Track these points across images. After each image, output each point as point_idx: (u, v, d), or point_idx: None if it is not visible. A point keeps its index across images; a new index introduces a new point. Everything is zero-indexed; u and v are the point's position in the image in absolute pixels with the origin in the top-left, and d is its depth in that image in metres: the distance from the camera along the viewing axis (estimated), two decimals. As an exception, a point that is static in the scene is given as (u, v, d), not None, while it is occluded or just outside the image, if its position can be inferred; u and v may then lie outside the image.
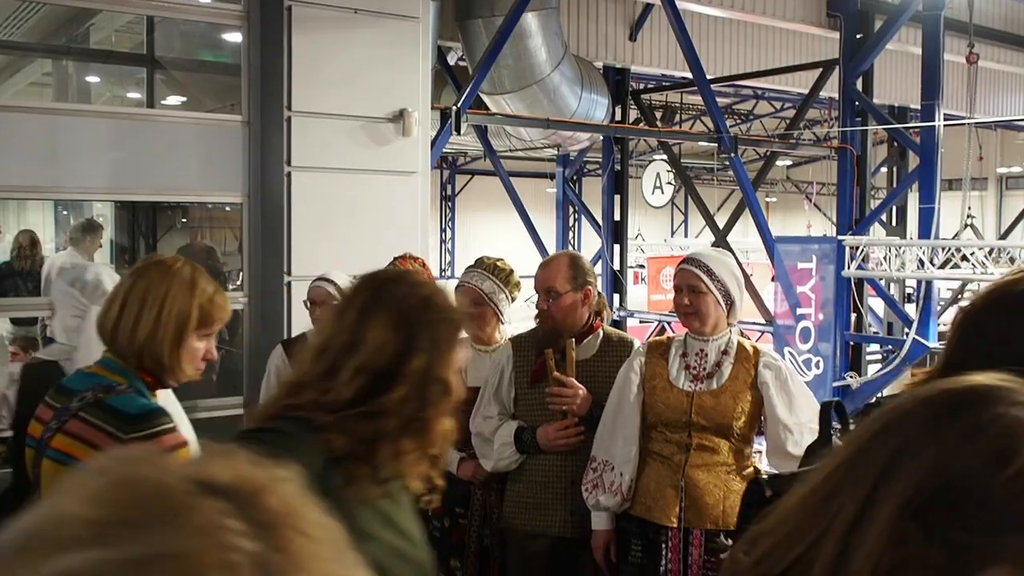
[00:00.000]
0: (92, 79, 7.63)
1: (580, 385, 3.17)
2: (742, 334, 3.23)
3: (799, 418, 3.00)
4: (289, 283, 5.44)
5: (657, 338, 3.30)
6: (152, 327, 1.97)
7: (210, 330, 2.06)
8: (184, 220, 8.57)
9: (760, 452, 3.36)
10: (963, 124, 12.70)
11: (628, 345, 3.34)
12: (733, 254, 3.80)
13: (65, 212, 8.54)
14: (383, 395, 1.60)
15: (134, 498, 0.53)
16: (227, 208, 6.56)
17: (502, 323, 3.69)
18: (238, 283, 6.13)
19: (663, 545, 2.97)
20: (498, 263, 3.66)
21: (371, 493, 1.60)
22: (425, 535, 3.28)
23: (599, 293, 3.40)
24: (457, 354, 1.69)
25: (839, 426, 2.04)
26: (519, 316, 3.81)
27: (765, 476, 1.94)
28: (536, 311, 3.33)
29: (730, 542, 2.84)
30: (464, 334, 1.74)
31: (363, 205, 5.65)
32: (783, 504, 0.91)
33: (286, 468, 0.95)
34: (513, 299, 3.67)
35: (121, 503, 0.52)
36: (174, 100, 7.17)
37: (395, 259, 3.96)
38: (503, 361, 3.37)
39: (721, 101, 15.15)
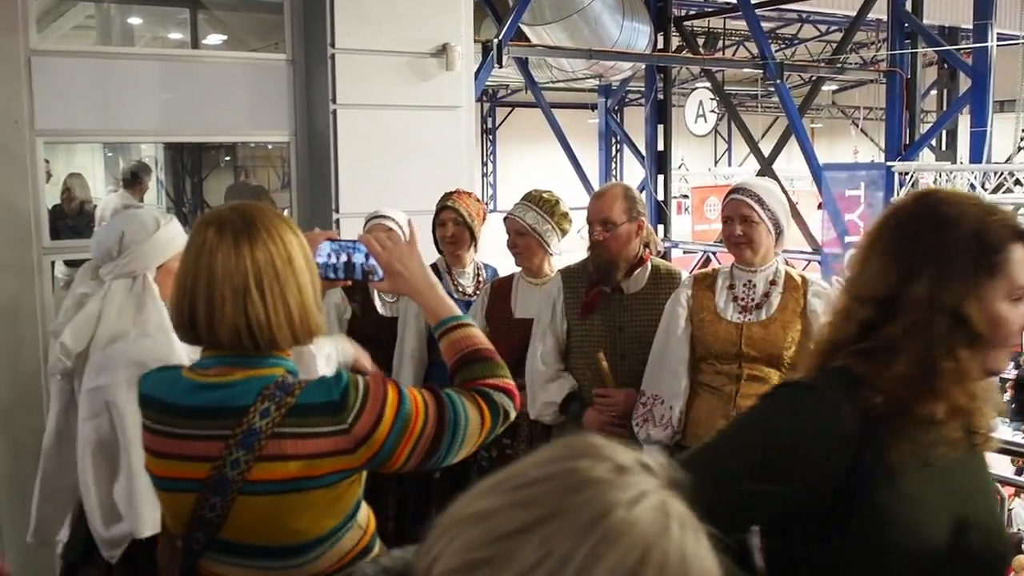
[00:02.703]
0: (135, 21, 7.67)
1: (619, 391, 3.20)
2: (787, 263, 3.23)
3: (848, 347, 3.00)
4: (338, 220, 5.49)
5: (702, 270, 3.28)
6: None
7: None
8: (228, 159, 8.66)
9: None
10: (1017, 44, 12.35)
11: (676, 277, 3.34)
12: (779, 182, 3.77)
13: (111, 154, 8.66)
14: (884, 328, 1.42)
15: None
16: (269, 147, 6.61)
17: (550, 255, 3.65)
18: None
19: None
20: (544, 195, 3.61)
21: (914, 450, 1.39)
22: (475, 467, 3.37)
23: (647, 224, 3.39)
24: (991, 284, 1.40)
25: None
26: (564, 248, 3.79)
27: None
28: (589, 243, 3.30)
29: None
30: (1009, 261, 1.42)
31: (409, 141, 5.67)
32: None
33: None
34: (563, 232, 3.62)
35: None
36: (217, 40, 7.20)
37: (448, 194, 3.94)
38: (554, 293, 3.39)
39: (765, 25, 14.83)
